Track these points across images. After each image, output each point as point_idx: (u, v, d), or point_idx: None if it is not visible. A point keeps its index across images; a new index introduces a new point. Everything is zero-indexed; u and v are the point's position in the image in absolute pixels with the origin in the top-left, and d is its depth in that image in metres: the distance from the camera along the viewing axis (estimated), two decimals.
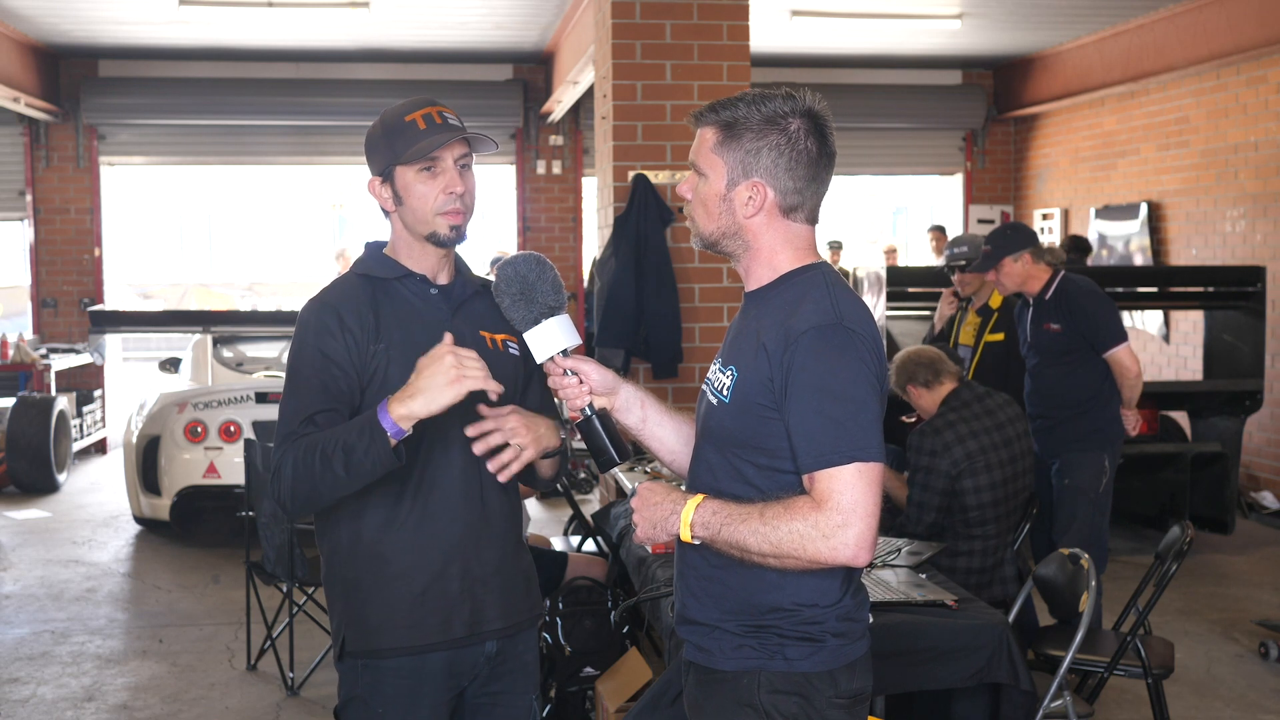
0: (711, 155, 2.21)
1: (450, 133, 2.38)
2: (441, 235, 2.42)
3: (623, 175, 6.61)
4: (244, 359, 8.69)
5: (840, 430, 2.05)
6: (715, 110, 2.22)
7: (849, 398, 2.07)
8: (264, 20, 9.62)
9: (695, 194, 2.26)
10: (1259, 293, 7.36)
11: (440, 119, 2.39)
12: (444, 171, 2.39)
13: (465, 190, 2.42)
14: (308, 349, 2.38)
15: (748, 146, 2.18)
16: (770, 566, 2.10)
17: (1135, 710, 4.85)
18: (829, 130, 2.22)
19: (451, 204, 2.40)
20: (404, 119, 2.39)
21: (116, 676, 5.39)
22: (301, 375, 2.37)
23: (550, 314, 2.32)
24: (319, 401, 2.34)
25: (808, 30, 10.14)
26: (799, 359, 2.08)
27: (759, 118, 2.17)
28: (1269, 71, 8.81)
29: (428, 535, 2.42)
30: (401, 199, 2.41)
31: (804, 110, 2.20)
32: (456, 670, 2.47)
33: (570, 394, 2.33)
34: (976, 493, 4.29)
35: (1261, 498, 8.62)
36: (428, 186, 2.39)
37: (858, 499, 2.04)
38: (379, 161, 2.43)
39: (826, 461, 2.05)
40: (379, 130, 2.43)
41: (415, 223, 2.42)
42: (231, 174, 21.25)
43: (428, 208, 2.40)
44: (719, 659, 2.21)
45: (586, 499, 8.45)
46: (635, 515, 2.21)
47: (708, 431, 2.26)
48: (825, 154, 2.21)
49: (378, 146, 2.43)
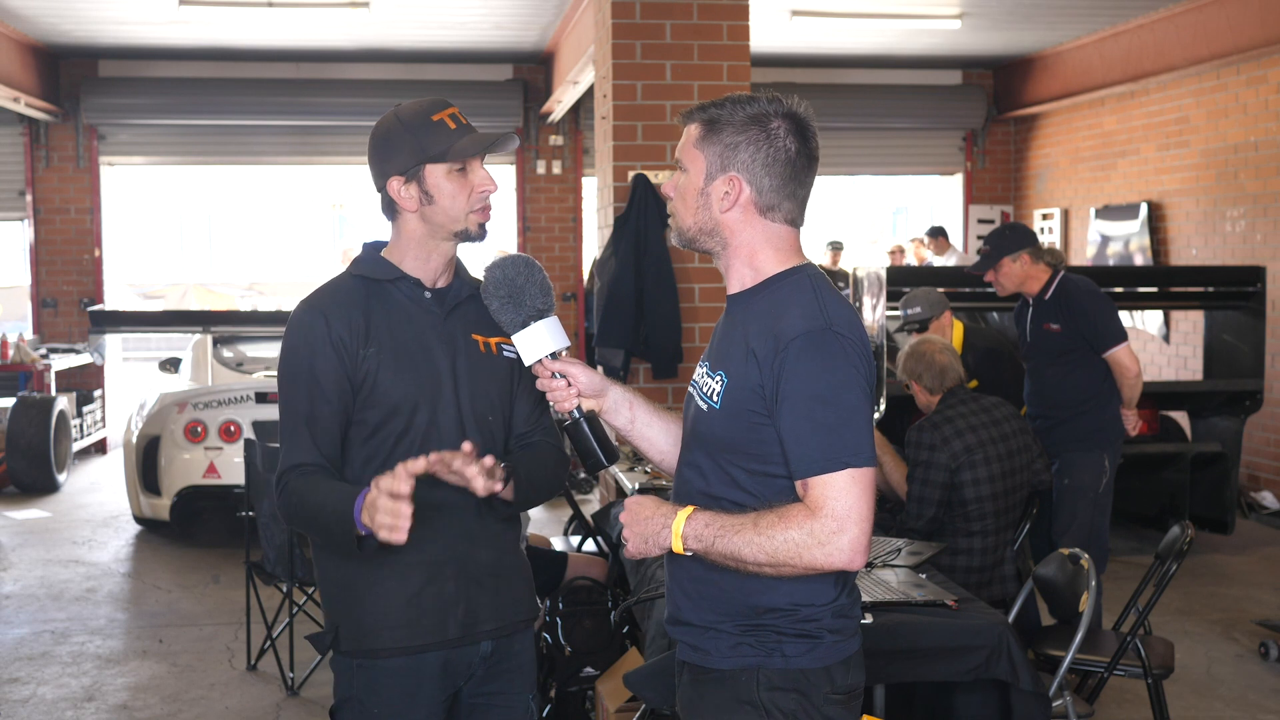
0: (693, 150, 2.23)
1: (490, 138, 2.41)
2: (473, 232, 2.45)
3: (623, 175, 6.61)
4: (244, 359, 8.69)
5: (832, 436, 2.06)
6: (702, 109, 2.24)
7: (840, 403, 2.07)
8: (264, 20, 9.62)
9: (676, 189, 2.27)
10: (1259, 293, 7.36)
11: (464, 121, 2.43)
12: (475, 171, 2.42)
13: (495, 189, 2.45)
14: (299, 358, 2.41)
15: (727, 141, 2.19)
16: (766, 575, 2.11)
17: (1135, 710, 4.85)
18: (811, 133, 2.22)
19: (483, 202, 2.43)
20: (430, 118, 2.39)
21: (116, 676, 5.39)
22: (302, 388, 2.40)
23: (539, 316, 2.32)
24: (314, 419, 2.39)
25: (808, 30, 10.13)
26: (789, 365, 2.09)
27: (742, 115, 2.19)
28: (1269, 71, 8.81)
29: (423, 536, 2.41)
30: (432, 198, 2.40)
31: (787, 112, 2.20)
32: (452, 670, 2.47)
33: (558, 396, 2.33)
34: (975, 485, 4.31)
35: (1261, 498, 8.62)
36: (459, 186, 2.40)
37: (851, 504, 2.05)
38: (402, 160, 2.39)
39: (820, 468, 2.06)
40: (399, 129, 2.40)
41: (446, 221, 2.42)
42: (231, 174, 21.27)
43: (460, 206, 2.41)
44: (716, 658, 2.21)
45: (586, 499, 8.45)
46: (625, 530, 2.21)
47: (697, 436, 2.26)
48: (805, 155, 2.21)
49: (400, 145, 2.39)
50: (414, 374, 2.42)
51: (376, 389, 2.38)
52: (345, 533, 2.27)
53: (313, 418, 2.38)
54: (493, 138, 2.41)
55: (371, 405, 2.40)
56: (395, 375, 2.36)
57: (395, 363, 2.39)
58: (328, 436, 2.39)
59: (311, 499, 2.34)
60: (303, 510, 2.35)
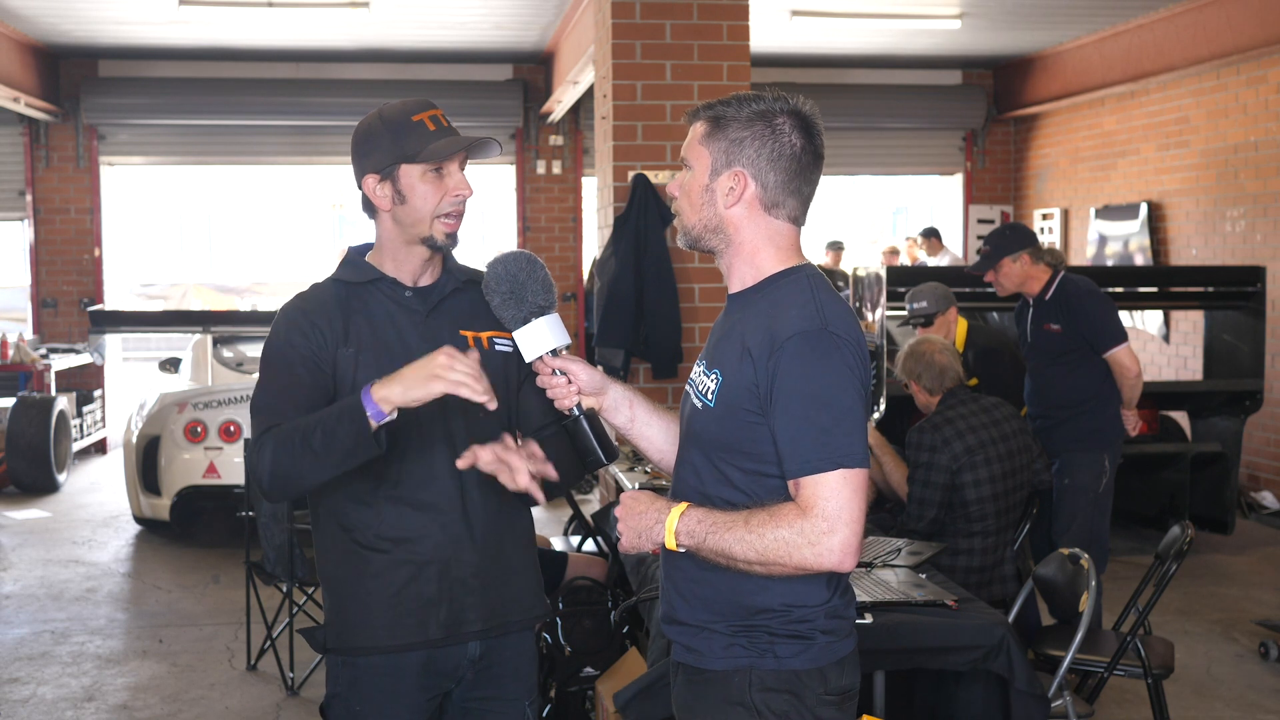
0: (698, 147, 2.23)
1: (465, 141, 2.38)
2: (437, 240, 2.41)
3: (623, 175, 6.61)
4: (244, 359, 8.69)
5: (825, 437, 2.06)
6: (708, 106, 2.24)
7: (834, 404, 2.07)
8: (264, 20, 9.62)
9: (681, 188, 2.27)
10: (1259, 293, 7.36)
11: (445, 123, 2.41)
12: (451, 174, 2.40)
13: (470, 194, 2.42)
14: (275, 349, 2.40)
15: (732, 136, 2.19)
16: (757, 574, 2.11)
17: (1135, 710, 4.85)
18: (817, 131, 2.21)
19: (455, 206, 2.40)
20: (410, 118, 2.38)
21: (116, 676, 5.39)
22: (276, 380, 2.38)
23: (540, 313, 2.32)
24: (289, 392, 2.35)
25: (808, 30, 10.13)
26: (784, 365, 2.09)
27: (747, 112, 2.19)
28: (1269, 71, 8.81)
29: (405, 537, 2.42)
30: (404, 198, 2.39)
31: (792, 109, 2.20)
32: (436, 671, 2.46)
33: (558, 394, 2.33)
34: (976, 486, 4.31)
35: (1261, 498, 8.62)
36: (432, 188, 2.38)
37: (843, 505, 2.05)
38: (379, 158, 2.39)
39: (812, 468, 2.06)
40: (379, 127, 2.40)
41: (412, 223, 2.40)
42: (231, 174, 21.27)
43: (429, 209, 2.39)
44: (709, 659, 2.21)
45: (586, 499, 8.44)
46: (620, 524, 2.21)
47: (692, 434, 2.26)
48: (810, 152, 2.20)
49: (378, 143, 2.39)
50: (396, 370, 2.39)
51: (357, 388, 2.33)
52: (356, 426, 2.18)
53: (288, 391, 2.35)
54: (469, 141, 2.38)
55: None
56: (375, 374, 2.30)
57: (375, 361, 2.37)
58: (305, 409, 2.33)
59: (301, 422, 2.25)
60: (293, 435, 2.23)
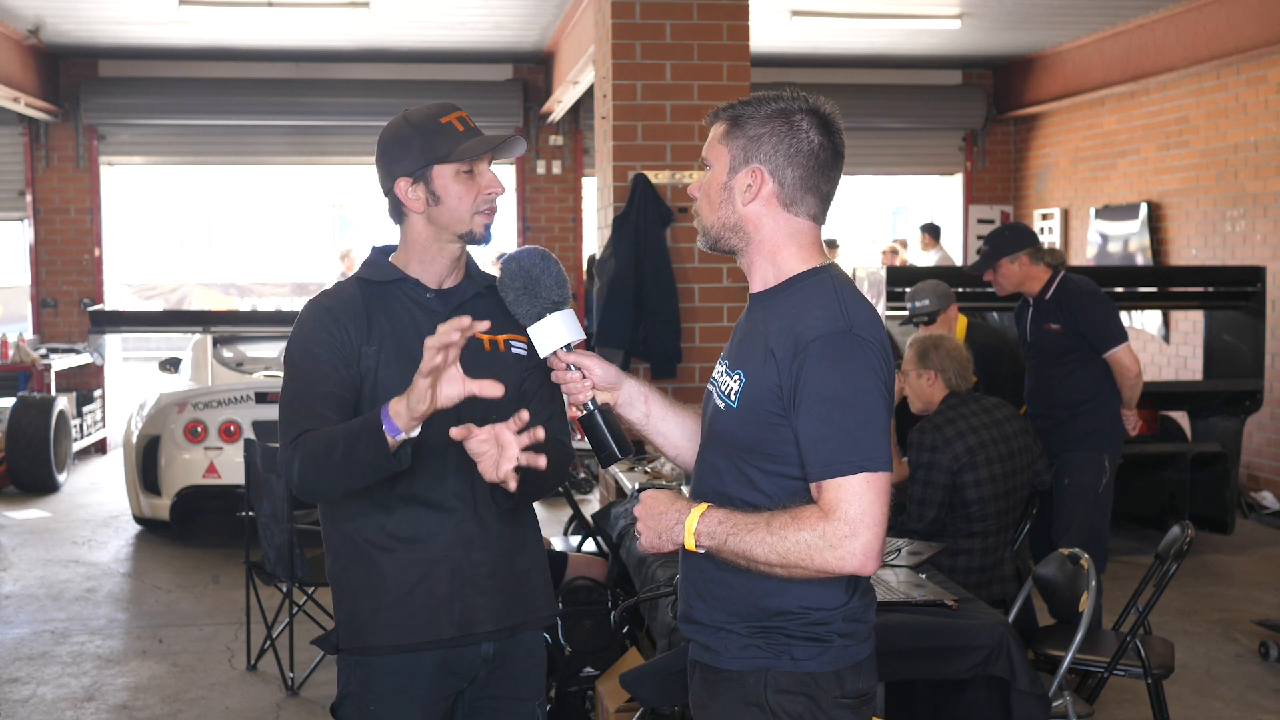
0: (718, 146, 2.23)
1: (496, 140, 2.43)
2: (477, 234, 2.46)
3: (623, 175, 6.61)
4: (244, 359, 8.69)
5: (849, 439, 2.05)
6: (728, 106, 2.24)
7: (858, 407, 2.06)
8: (264, 20, 9.62)
9: (700, 188, 2.27)
10: (1259, 293, 7.36)
11: (472, 124, 2.45)
12: (482, 173, 2.45)
13: (502, 191, 2.47)
14: (301, 346, 2.42)
15: (750, 134, 2.19)
16: (777, 576, 2.10)
17: (1135, 710, 4.85)
18: (836, 129, 2.22)
19: (489, 204, 2.45)
20: (439, 120, 2.42)
21: (116, 676, 5.39)
22: (302, 376, 2.40)
23: (554, 308, 2.33)
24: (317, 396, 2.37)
25: (808, 30, 10.13)
26: (808, 367, 2.07)
27: (766, 110, 2.19)
28: (1269, 71, 8.81)
29: (417, 536, 2.43)
30: (439, 198, 2.42)
31: (811, 108, 2.21)
32: (450, 670, 2.47)
33: (573, 389, 2.33)
34: (977, 486, 4.31)
35: (1261, 498, 8.62)
36: (466, 187, 2.42)
37: (865, 509, 2.03)
38: (410, 162, 2.42)
39: (834, 471, 2.05)
40: (408, 130, 2.43)
41: (451, 222, 2.44)
42: (231, 174, 21.23)
43: (466, 208, 2.43)
44: (725, 659, 2.21)
45: (586, 499, 8.45)
46: (639, 524, 2.21)
47: (714, 435, 2.25)
48: (829, 150, 2.20)
49: (408, 146, 2.42)
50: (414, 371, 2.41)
51: (378, 386, 2.39)
52: (375, 444, 2.21)
53: (317, 395, 2.37)
54: (499, 139, 2.44)
55: (373, 403, 2.40)
56: (396, 373, 2.36)
57: (396, 360, 2.40)
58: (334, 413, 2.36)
59: (327, 434, 2.29)
60: (319, 448, 2.27)
